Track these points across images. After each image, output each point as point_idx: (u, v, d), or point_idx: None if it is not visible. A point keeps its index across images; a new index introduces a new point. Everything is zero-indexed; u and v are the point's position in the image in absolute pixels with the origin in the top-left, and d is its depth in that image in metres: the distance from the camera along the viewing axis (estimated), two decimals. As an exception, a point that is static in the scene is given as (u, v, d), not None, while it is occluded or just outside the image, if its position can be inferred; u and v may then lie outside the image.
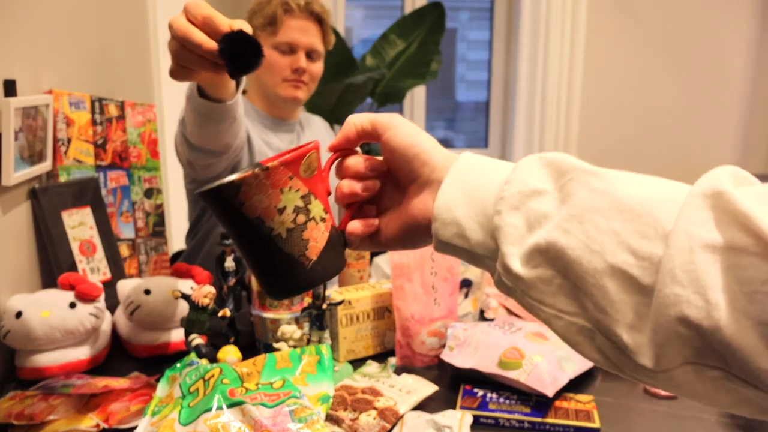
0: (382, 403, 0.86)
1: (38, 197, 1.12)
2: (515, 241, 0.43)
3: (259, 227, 0.46)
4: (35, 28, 1.15)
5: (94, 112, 1.28)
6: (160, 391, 0.88)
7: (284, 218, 0.46)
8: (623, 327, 0.38)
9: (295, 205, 0.46)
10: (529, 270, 0.42)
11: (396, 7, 3.24)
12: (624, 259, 0.38)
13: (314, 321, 0.99)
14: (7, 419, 0.81)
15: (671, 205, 0.38)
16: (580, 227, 0.40)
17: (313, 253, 0.47)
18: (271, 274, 0.48)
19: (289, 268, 0.47)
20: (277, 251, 0.47)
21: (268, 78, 1.51)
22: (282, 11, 1.47)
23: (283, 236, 0.46)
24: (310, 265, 0.48)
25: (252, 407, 0.78)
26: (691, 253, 0.35)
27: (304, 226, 0.47)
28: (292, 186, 0.46)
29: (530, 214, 0.43)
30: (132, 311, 1.07)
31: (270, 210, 0.46)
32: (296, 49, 1.49)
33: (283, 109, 1.58)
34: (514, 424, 0.86)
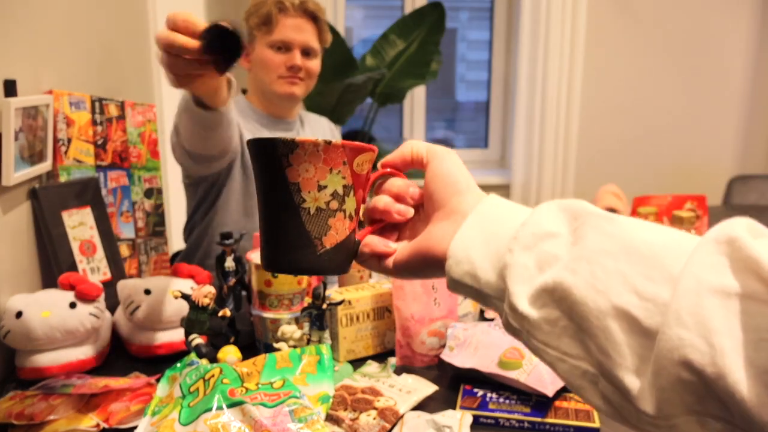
0: (382, 403, 0.86)
1: (38, 197, 1.12)
2: (524, 281, 0.43)
3: (293, 194, 0.46)
4: (35, 28, 1.15)
5: (94, 112, 1.28)
6: (161, 391, 0.88)
7: (320, 195, 0.46)
8: (625, 370, 0.37)
9: (335, 189, 0.46)
10: (535, 310, 0.42)
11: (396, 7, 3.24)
12: (628, 299, 0.37)
13: (314, 321, 0.99)
14: (7, 419, 0.81)
15: (681, 250, 0.37)
16: (588, 267, 0.40)
17: (328, 242, 0.47)
18: (280, 245, 0.47)
19: (300, 246, 0.47)
20: (298, 224, 0.46)
21: (265, 76, 1.53)
22: (276, 10, 1.49)
23: (311, 212, 0.46)
24: (320, 252, 0.47)
25: (252, 407, 0.78)
26: (698, 296, 0.34)
27: (333, 213, 0.47)
28: (341, 171, 0.46)
29: (541, 255, 0.43)
30: (132, 311, 1.07)
31: (311, 182, 0.45)
32: (291, 47, 1.51)
33: (280, 107, 1.59)
34: (514, 424, 0.86)
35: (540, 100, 2.98)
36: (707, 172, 3.23)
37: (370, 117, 2.82)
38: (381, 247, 0.50)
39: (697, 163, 3.25)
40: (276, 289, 1.04)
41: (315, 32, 1.54)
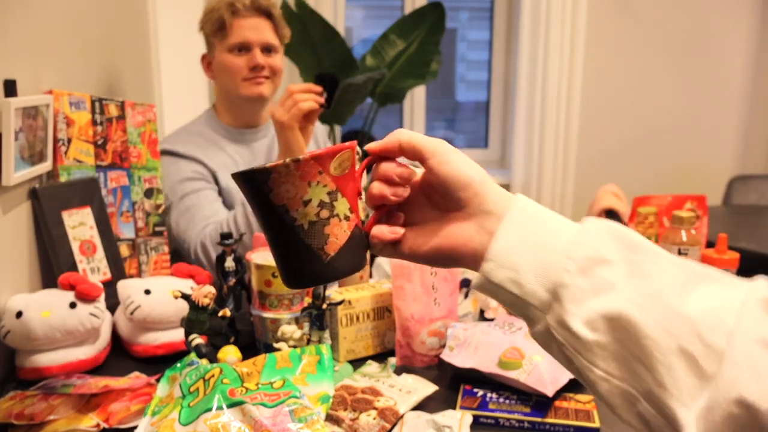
0: (382, 403, 0.86)
1: (38, 197, 1.12)
2: (579, 303, 0.45)
3: (283, 215, 0.48)
4: (35, 28, 1.15)
5: (95, 112, 1.28)
6: (161, 391, 0.88)
7: (308, 210, 0.48)
8: (678, 403, 0.43)
9: (320, 199, 0.48)
10: (590, 332, 0.45)
11: (396, 7, 3.24)
12: (693, 344, 0.43)
13: (314, 321, 0.99)
14: (7, 419, 0.81)
15: (731, 305, 0.44)
16: (657, 307, 0.44)
17: (332, 249, 0.49)
18: (290, 263, 0.50)
19: (307, 260, 0.49)
20: (297, 241, 0.48)
21: (229, 81, 1.51)
22: (229, 14, 1.47)
23: (305, 228, 0.48)
24: (328, 260, 0.49)
25: (252, 407, 0.78)
26: (750, 345, 0.42)
27: (326, 221, 0.48)
28: (320, 181, 0.48)
29: (597, 280, 0.45)
30: (132, 311, 1.07)
31: (295, 200, 0.47)
32: (250, 47, 1.49)
33: (250, 111, 1.57)
34: (514, 424, 0.86)
35: (540, 100, 2.98)
36: (707, 172, 3.23)
37: (370, 117, 2.82)
38: (388, 234, 0.51)
39: (697, 163, 3.25)
40: (276, 289, 1.04)
41: (271, 28, 1.52)
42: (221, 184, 1.52)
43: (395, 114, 3.32)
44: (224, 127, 1.57)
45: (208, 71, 1.58)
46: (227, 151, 1.55)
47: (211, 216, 1.43)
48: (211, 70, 1.56)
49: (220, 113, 1.59)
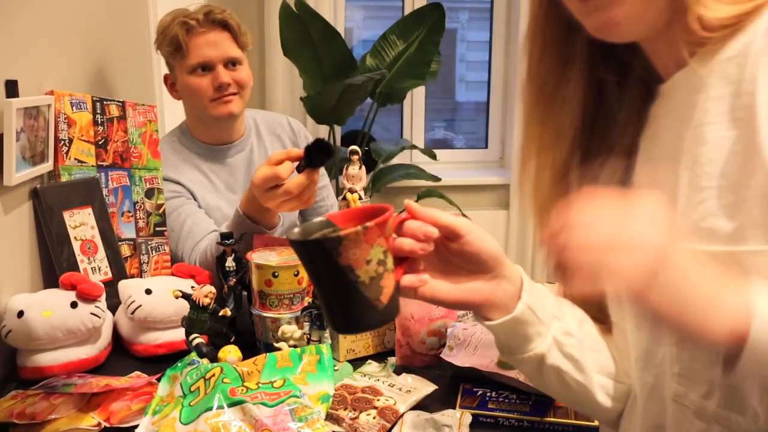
0: (381, 402, 0.86)
1: (40, 197, 1.13)
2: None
3: (349, 274, 0.54)
4: (37, 29, 1.16)
5: (96, 113, 1.28)
6: (161, 390, 0.88)
7: (369, 268, 0.55)
8: None
9: (378, 258, 0.55)
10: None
11: (396, 7, 3.24)
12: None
13: (314, 320, 0.99)
14: (8, 418, 0.81)
15: None
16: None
17: (385, 298, 0.56)
18: (350, 313, 0.57)
19: (365, 309, 0.56)
20: (359, 295, 0.55)
21: (196, 103, 1.45)
22: (184, 32, 1.38)
23: (367, 283, 0.55)
24: (382, 308, 0.56)
25: (252, 406, 0.78)
26: None
27: (382, 276, 0.56)
28: (378, 243, 0.55)
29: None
30: (133, 311, 1.07)
31: (360, 261, 0.54)
32: (212, 66, 1.41)
33: (222, 129, 1.50)
34: (514, 423, 0.86)
35: (540, 101, 2.97)
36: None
37: (370, 117, 2.82)
38: (417, 282, 0.59)
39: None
40: (276, 288, 1.04)
41: (231, 40, 1.43)
42: (199, 203, 1.47)
43: (395, 114, 3.32)
44: (198, 144, 1.51)
45: (173, 92, 1.50)
46: (202, 169, 1.50)
47: (195, 231, 1.40)
48: (176, 91, 1.49)
49: (192, 130, 1.52)
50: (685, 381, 0.60)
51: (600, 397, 0.69)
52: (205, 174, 1.50)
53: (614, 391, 0.70)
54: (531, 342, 0.64)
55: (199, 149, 1.51)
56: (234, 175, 1.54)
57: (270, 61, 2.95)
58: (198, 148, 1.51)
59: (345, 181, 1.28)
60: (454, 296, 0.61)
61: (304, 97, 2.66)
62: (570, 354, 0.66)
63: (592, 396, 0.68)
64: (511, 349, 0.67)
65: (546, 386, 0.69)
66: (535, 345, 0.64)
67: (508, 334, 0.64)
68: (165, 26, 1.41)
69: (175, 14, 1.41)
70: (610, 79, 0.69)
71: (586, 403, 0.70)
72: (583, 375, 0.67)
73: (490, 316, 0.63)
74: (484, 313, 0.63)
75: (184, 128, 1.53)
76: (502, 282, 0.62)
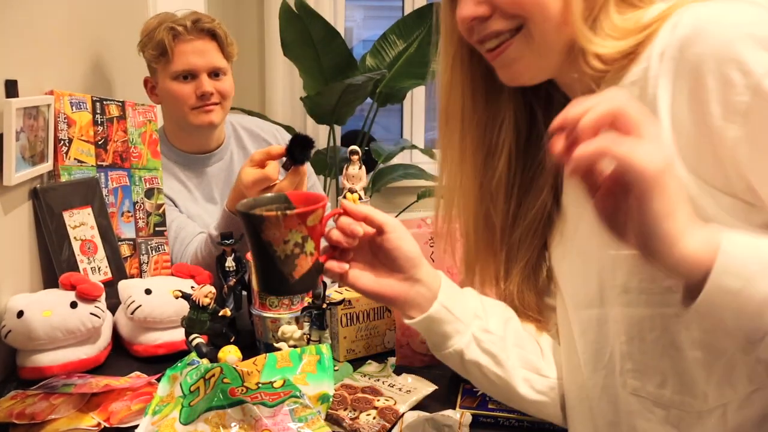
0: (381, 402, 0.86)
1: (39, 197, 1.13)
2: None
3: (268, 248, 0.65)
4: (37, 28, 1.16)
5: (95, 113, 1.28)
6: (161, 390, 0.88)
7: (286, 247, 0.65)
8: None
9: (295, 241, 0.65)
10: None
11: (396, 7, 3.24)
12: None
13: (314, 321, 0.99)
14: (8, 419, 0.81)
15: None
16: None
17: (297, 274, 0.66)
18: (266, 279, 0.68)
19: (279, 280, 0.66)
20: (274, 266, 0.66)
21: (176, 110, 1.42)
22: (170, 38, 1.36)
23: (282, 258, 0.65)
24: (293, 282, 0.66)
25: (252, 406, 0.78)
26: None
27: (297, 256, 0.65)
28: (298, 230, 0.65)
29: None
30: (133, 311, 1.07)
31: (278, 240, 0.64)
32: (197, 74, 1.39)
33: (200, 137, 1.49)
34: (514, 423, 0.86)
35: (540, 101, 2.97)
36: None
37: (370, 117, 2.82)
38: (336, 268, 0.68)
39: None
40: (276, 288, 1.04)
41: (217, 50, 1.42)
42: (180, 209, 1.46)
43: (395, 114, 3.33)
44: (175, 151, 1.49)
45: (153, 96, 1.48)
46: (180, 177, 1.49)
47: (182, 235, 1.40)
48: (156, 95, 1.47)
49: (170, 137, 1.50)
50: (640, 375, 0.66)
51: (522, 389, 0.75)
52: (183, 183, 1.50)
53: (540, 385, 0.76)
54: (450, 339, 0.71)
55: (177, 157, 1.49)
56: (211, 185, 1.53)
57: (270, 61, 2.96)
58: (176, 156, 1.49)
59: (345, 181, 1.28)
60: (371, 287, 0.69)
61: (304, 97, 2.67)
62: (488, 350, 0.72)
63: (514, 389, 0.74)
64: (434, 346, 0.73)
65: (472, 380, 0.76)
66: (453, 342, 0.71)
67: (426, 331, 0.72)
68: (151, 29, 1.39)
69: (162, 18, 1.40)
70: (539, 106, 0.78)
71: (509, 396, 0.76)
72: (503, 369, 0.73)
73: (410, 314, 0.71)
74: (404, 311, 0.71)
75: (161, 135, 1.50)
76: (416, 285, 0.69)
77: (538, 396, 0.76)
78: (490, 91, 0.77)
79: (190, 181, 1.50)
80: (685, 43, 0.59)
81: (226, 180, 1.53)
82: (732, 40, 0.56)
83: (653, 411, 0.66)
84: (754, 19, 0.56)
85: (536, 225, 0.80)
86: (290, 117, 2.98)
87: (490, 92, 0.77)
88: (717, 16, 0.58)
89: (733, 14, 0.58)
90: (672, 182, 0.51)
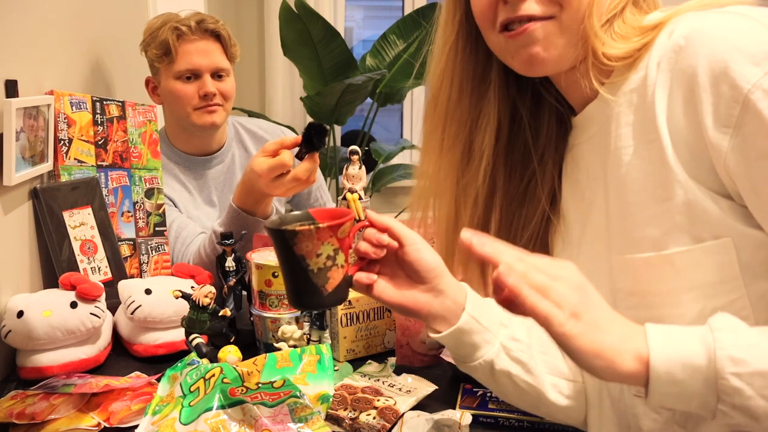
0: (382, 402, 0.86)
1: (39, 197, 1.13)
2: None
3: (301, 261, 0.67)
4: (37, 28, 1.16)
5: (95, 113, 1.28)
6: (161, 390, 0.88)
7: (319, 260, 0.67)
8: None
9: (328, 254, 0.67)
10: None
11: (396, 7, 3.25)
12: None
13: (314, 321, 0.99)
14: (8, 418, 0.81)
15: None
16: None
17: (330, 287, 0.68)
18: (299, 293, 0.69)
19: (312, 292, 0.68)
20: (307, 280, 0.67)
21: (178, 109, 1.43)
22: (174, 37, 1.37)
23: (315, 271, 0.67)
24: (326, 294, 0.68)
25: (252, 406, 0.78)
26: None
27: (329, 268, 0.67)
28: (330, 242, 0.67)
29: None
30: (133, 311, 1.07)
31: (311, 253, 0.66)
32: (200, 74, 1.40)
33: (202, 138, 1.49)
34: (514, 424, 0.86)
35: (540, 101, 2.98)
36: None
37: (370, 117, 2.82)
38: (365, 279, 0.69)
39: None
40: (276, 288, 1.04)
41: (221, 51, 1.43)
42: (180, 210, 1.47)
43: (395, 114, 3.33)
44: (176, 152, 1.50)
45: (154, 96, 1.48)
46: (180, 179, 1.49)
47: (183, 234, 1.40)
48: (158, 95, 1.47)
49: (171, 138, 1.51)
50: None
51: (552, 395, 0.75)
52: (184, 184, 1.50)
53: (567, 390, 0.76)
54: (479, 350, 0.71)
55: (178, 158, 1.50)
56: (211, 188, 1.53)
57: (270, 61, 2.96)
58: (177, 157, 1.50)
59: (345, 181, 1.28)
60: (396, 299, 0.69)
61: (304, 97, 2.67)
62: (518, 358, 0.72)
63: (544, 396, 0.74)
64: (462, 358, 0.72)
65: (501, 391, 0.75)
66: (483, 352, 0.71)
67: (456, 343, 0.71)
68: (155, 29, 1.40)
69: (166, 18, 1.40)
70: (524, 109, 0.78)
71: (540, 404, 0.76)
72: (533, 377, 0.73)
73: (437, 328, 0.70)
74: (430, 324, 0.70)
75: (163, 135, 1.50)
76: (440, 296, 0.69)
77: (567, 401, 0.76)
78: (476, 89, 0.77)
79: (190, 183, 1.51)
80: (680, 54, 0.61)
81: (226, 183, 1.54)
82: (722, 54, 0.57)
83: (659, 411, 0.67)
84: (745, 33, 0.58)
85: (537, 235, 0.81)
86: (290, 117, 2.98)
87: (477, 90, 0.77)
88: (709, 28, 0.60)
89: (725, 27, 0.59)
90: (589, 313, 0.55)
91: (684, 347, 0.55)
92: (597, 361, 0.55)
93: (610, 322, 0.57)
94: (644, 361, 0.55)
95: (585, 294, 0.57)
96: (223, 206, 1.51)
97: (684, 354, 0.54)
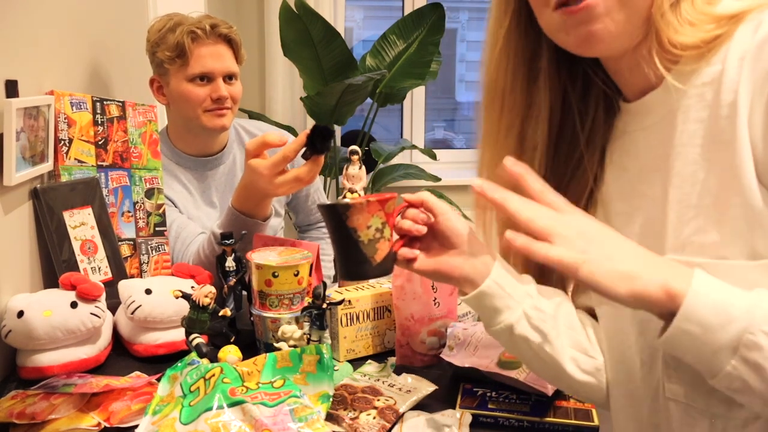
0: (381, 402, 0.86)
1: (40, 197, 1.13)
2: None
3: (352, 233, 0.73)
4: (37, 28, 1.16)
5: (96, 113, 1.28)
6: (161, 390, 0.88)
7: (369, 232, 0.74)
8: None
9: (377, 226, 0.74)
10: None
11: (396, 7, 3.24)
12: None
13: (314, 320, 0.99)
14: (8, 418, 0.81)
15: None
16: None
17: (378, 257, 0.74)
18: (350, 263, 0.75)
19: (362, 263, 0.74)
20: (358, 251, 0.74)
21: (189, 111, 1.43)
22: (189, 40, 1.38)
23: (365, 242, 0.74)
24: (375, 265, 0.74)
25: (252, 406, 0.78)
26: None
27: (378, 240, 0.74)
28: (378, 215, 0.74)
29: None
30: (133, 311, 1.07)
31: (362, 225, 0.73)
32: (213, 77, 1.42)
33: (208, 140, 1.51)
34: (514, 424, 0.86)
35: (540, 101, 2.97)
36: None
37: (370, 117, 2.82)
38: (408, 254, 0.75)
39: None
40: (276, 288, 1.04)
41: (232, 55, 1.45)
42: (181, 210, 1.47)
43: (395, 114, 3.33)
44: (178, 153, 1.50)
45: (160, 96, 1.48)
46: (181, 179, 1.49)
47: (183, 235, 1.40)
48: (164, 96, 1.47)
49: (173, 139, 1.51)
50: (684, 382, 0.66)
51: (569, 368, 0.75)
52: (185, 185, 1.50)
53: (586, 365, 0.77)
54: (500, 314, 0.73)
55: (180, 159, 1.50)
56: (211, 189, 1.53)
57: (270, 61, 2.95)
58: (178, 157, 1.50)
59: (345, 181, 1.28)
60: (432, 266, 0.74)
61: (304, 97, 2.67)
62: (538, 327, 0.73)
63: (561, 367, 0.75)
64: (486, 322, 0.75)
65: (521, 356, 0.77)
66: (504, 317, 0.73)
67: (478, 306, 0.74)
68: (164, 30, 1.40)
69: (178, 20, 1.41)
70: (574, 94, 0.77)
71: (557, 374, 0.76)
72: (551, 347, 0.74)
73: (465, 290, 0.74)
74: (460, 286, 0.75)
75: (163, 135, 1.51)
76: (470, 258, 0.73)
77: (584, 376, 0.77)
78: (528, 77, 0.76)
79: (191, 184, 1.51)
80: (765, 50, 0.56)
81: (227, 184, 1.54)
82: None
83: (696, 418, 0.66)
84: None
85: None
86: (290, 117, 2.98)
87: (528, 78, 0.76)
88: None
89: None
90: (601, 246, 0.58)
91: (727, 294, 0.54)
92: (618, 287, 0.56)
93: (628, 255, 0.58)
94: (671, 293, 0.55)
95: (589, 233, 0.60)
96: (223, 207, 1.51)
97: (724, 300, 0.54)
